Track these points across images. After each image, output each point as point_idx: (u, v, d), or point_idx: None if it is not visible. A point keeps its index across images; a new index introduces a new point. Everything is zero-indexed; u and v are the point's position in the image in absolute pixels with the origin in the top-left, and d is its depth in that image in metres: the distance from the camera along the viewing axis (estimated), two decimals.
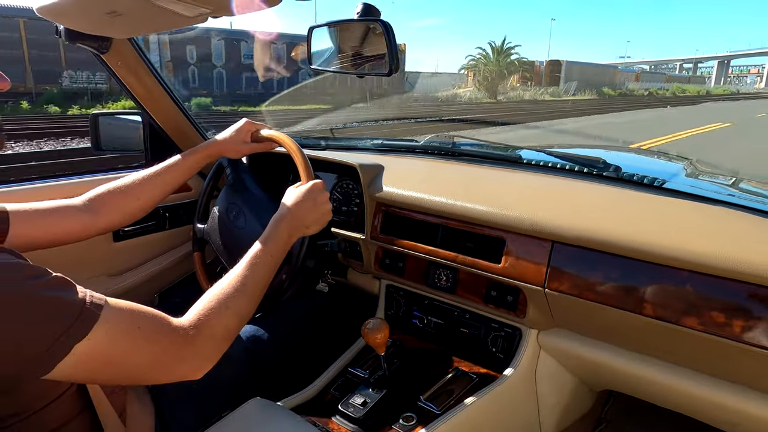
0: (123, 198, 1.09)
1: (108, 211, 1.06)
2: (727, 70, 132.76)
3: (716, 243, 0.85)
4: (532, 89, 36.27)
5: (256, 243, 0.93)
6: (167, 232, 1.64)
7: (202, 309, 0.79)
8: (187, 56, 19.45)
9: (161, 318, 0.72)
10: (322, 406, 1.07)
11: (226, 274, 0.87)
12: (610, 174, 1.19)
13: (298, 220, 1.00)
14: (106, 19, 0.97)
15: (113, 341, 0.65)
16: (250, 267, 0.89)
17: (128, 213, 1.10)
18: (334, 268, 1.47)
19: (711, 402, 0.95)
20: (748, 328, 0.81)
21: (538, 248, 1.04)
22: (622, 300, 0.93)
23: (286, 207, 1.02)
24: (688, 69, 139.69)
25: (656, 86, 55.58)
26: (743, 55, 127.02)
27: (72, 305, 0.63)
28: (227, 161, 1.37)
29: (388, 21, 0.96)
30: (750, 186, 1.30)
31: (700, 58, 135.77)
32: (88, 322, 0.63)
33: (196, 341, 0.75)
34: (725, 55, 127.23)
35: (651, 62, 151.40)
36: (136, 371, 0.70)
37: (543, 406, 1.17)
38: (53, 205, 0.99)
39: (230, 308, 0.81)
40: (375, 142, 1.70)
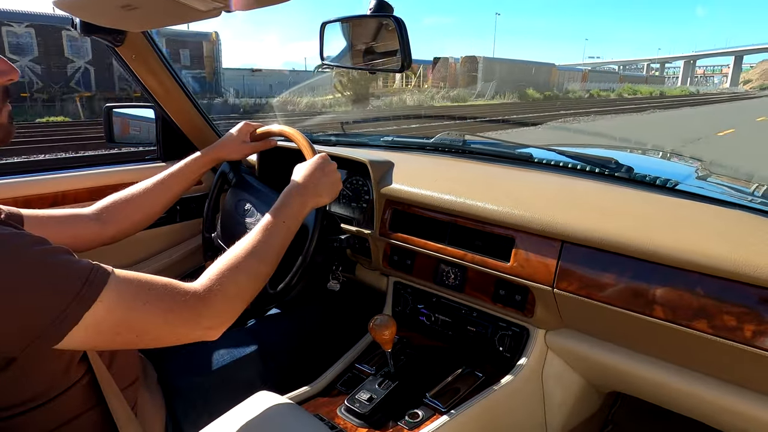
0: (129, 207, 1.12)
1: (115, 221, 1.09)
2: (694, 70, 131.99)
3: (728, 246, 0.84)
4: (427, 92, 29.24)
5: (267, 213, 0.94)
6: (179, 225, 1.66)
7: (212, 271, 0.80)
8: None
9: (171, 281, 0.74)
10: (328, 401, 1.07)
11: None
12: (622, 174, 1.18)
13: (309, 189, 1.02)
14: (120, 12, 0.98)
15: (124, 303, 0.66)
16: (261, 232, 0.90)
17: (135, 222, 1.13)
18: (343, 265, 1.48)
19: (720, 407, 0.94)
20: (760, 333, 0.80)
21: (547, 248, 1.03)
22: (631, 301, 0.93)
23: (296, 180, 1.03)
24: (656, 69, 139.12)
25: (605, 87, 51.12)
26: (708, 55, 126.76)
27: (80, 270, 0.64)
28: (229, 167, 1.39)
29: (401, 17, 0.95)
30: (764, 189, 1.29)
31: (667, 58, 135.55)
32: (97, 286, 0.63)
33: (208, 299, 0.75)
34: (691, 54, 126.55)
35: (620, 62, 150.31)
36: (150, 333, 0.70)
37: (549, 406, 1.17)
38: (65, 213, 1.02)
39: (240, 268, 0.82)
40: (386, 138, 1.70)
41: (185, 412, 1.00)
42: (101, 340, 0.66)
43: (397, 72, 1.03)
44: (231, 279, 0.79)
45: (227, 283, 0.78)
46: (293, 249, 1.20)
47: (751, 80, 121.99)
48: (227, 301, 0.78)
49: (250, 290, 0.84)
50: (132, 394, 0.90)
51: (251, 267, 0.84)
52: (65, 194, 1.41)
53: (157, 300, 0.70)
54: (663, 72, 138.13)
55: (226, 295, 0.77)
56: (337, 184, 1.07)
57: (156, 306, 0.69)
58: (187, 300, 0.73)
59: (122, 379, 0.87)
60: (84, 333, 0.62)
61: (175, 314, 0.71)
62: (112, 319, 0.65)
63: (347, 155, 1.37)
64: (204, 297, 0.75)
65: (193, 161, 1.24)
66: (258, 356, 1.17)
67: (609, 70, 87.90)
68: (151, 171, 1.59)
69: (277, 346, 1.22)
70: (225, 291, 0.78)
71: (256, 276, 0.85)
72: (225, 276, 0.79)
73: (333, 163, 1.08)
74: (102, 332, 0.65)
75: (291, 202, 0.98)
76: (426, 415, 0.99)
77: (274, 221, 0.92)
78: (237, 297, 0.80)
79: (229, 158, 1.32)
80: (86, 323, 0.62)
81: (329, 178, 1.06)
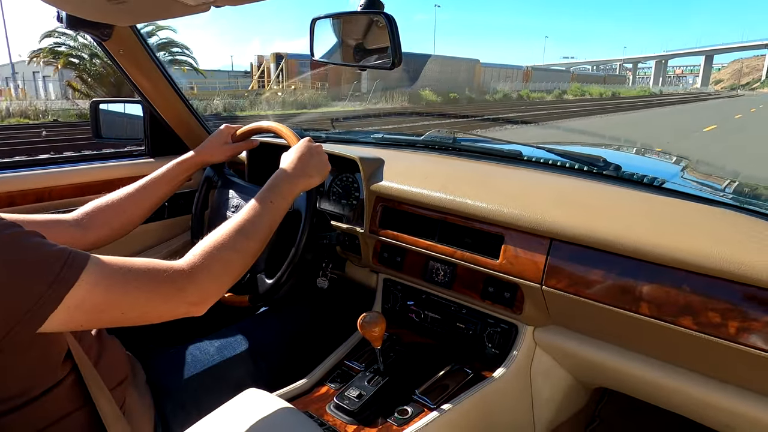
0: (110, 213, 1.10)
1: (96, 227, 1.07)
2: (666, 70, 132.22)
3: (713, 243, 0.85)
4: (267, 92, 22.94)
5: (255, 196, 0.94)
6: (167, 221, 1.64)
7: (197, 249, 0.80)
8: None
9: (153, 260, 0.73)
10: (317, 398, 1.07)
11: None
12: (610, 173, 1.19)
13: (297, 170, 1.02)
14: (108, 6, 0.97)
15: (106, 281, 0.66)
16: (248, 211, 0.90)
17: (117, 227, 1.11)
18: (333, 262, 1.48)
19: (705, 402, 0.96)
20: (744, 330, 0.82)
21: (536, 245, 1.04)
22: (618, 298, 0.94)
23: (284, 164, 1.04)
24: (629, 69, 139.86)
25: (550, 87, 44.93)
26: (678, 54, 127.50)
27: (58, 252, 0.63)
28: (213, 171, 1.39)
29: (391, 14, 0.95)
30: (749, 188, 1.30)
31: (639, 58, 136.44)
32: (77, 267, 0.63)
33: (192, 275, 0.75)
34: (662, 54, 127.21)
35: (594, 62, 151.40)
36: (135, 309, 0.70)
37: (537, 402, 1.18)
38: (46, 218, 1.01)
39: (226, 245, 0.82)
40: (376, 135, 1.70)
41: (174, 412, 0.99)
42: (86, 320, 0.66)
43: (388, 69, 1.02)
44: (216, 255, 0.79)
45: (212, 259, 0.78)
46: (284, 244, 1.20)
47: (722, 80, 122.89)
48: (212, 276, 0.77)
49: (237, 266, 0.83)
50: (120, 394, 0.89)
51: (237, 243, 0.83)
52: (51, 190, 1.39)
53: (139, 276, 0.69)
54: (636, 72, 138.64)
55: (210, 271, 0.77)
56: (326, 164, 1.08)
57: (139, 282, 0.69)
58: (171, 275, 0.73)
59: (110, 379, 0.86)
60: (67, 314, 0.62)
61: (158, 290, 0.71)
62: (96, 298, 0.65)
63: (337, 152, 1.36)
64: (188, 273, 0.75)
65: (175, 166, 1.23)
66: (248, 355, 1.16)
67: (558, 69, 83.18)
68: (140, 167, 1.58)
69: (266, 345, 1.21)
70: (209, 266, 0.77)
71: (242, 252, 0.84)
72: (210, 252, 0.79)
73: (319, 144, 1.10)
74: (86, 311, 0.64)
75: (279, 183, 0.98)
76: (415, 411, 0.99)
77: (261, 201, 0.93)
78: (223, 272, 0.79)
79: (213, 161, 1.32)
80: (68, 304, 0.62)
81: (317, 158, 1.07)
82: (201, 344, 1.15)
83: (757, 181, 1.37)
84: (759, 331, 0.80)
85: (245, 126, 1.35)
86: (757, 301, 0.81)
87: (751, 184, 1.34)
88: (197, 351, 1.13)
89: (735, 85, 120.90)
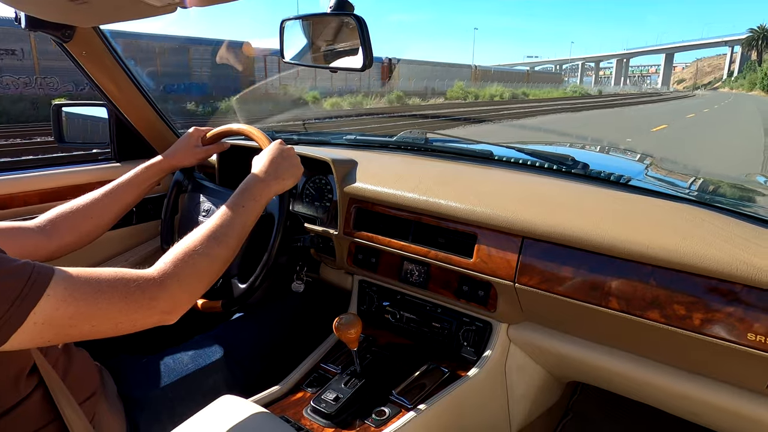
0: (75, 219, 1.07)
1: (61, 234, 1.03)
2: (627, 69, 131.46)
3: (678, 239, 0.88)
4: None
5: (227, 200, 0.93)
6: (136, 227, 1.61)
7: (168, 256, 0.78)
8: None
9: (122, 269, 0.71)
10: (294, 402, 1.06)
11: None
12: (578, 171, 1.21)
13: (270, 173, 1.01)
14: (69, 6, 0.94)
15: (74, 294, 0.64)
16: (220, 216, 0.88)
17: (83, 234, 1.08)
18: (307, 265, 1.47)
19: (674, 392, 0.99)
20: (707, 321, 0.85)
21: (508, 243, 1.05)
22: (589, 294, 0.96)
23: (256, 168, 1.03)
24: (590, 68, 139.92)
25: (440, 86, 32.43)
26: (639, 52, 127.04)
27: (21, 267, 0.61)
28: (182, 175, 1.37)
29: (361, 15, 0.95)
30: (711, 184, 1.35)
31: (600, 57, 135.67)
32: (41, 282, 0.61)
33: (164, 283, 0.73)
34: (622, 53, 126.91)
35: (556, 61, 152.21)
36: (106, 321, 0.68)
37: (512, 398, 1.20)
38: (8, 226, 0.97)
39: (197, 251, 0.80)
40: (348, 137, 1.69)
41: (148, 423, 0.97)
42: (54, 335, 0.64)
43: (359, 70, 1.02)
44: (188, 261, 0.78)
45: (183, 266, 0.77)
46: (257, 248, 1.18)
47: (684, 79, 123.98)
48: (183, 284, 0.76)
49: (209, 273, 0.82)
50: (90, 408, 0.86)
51: (209, 249, 0.82)
52: (13, 198, 1.34)
53: (109, 287, 0.67)
54: (598, 71, 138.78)
55: (182, 278, 0.76)
56: (298, 167, 1.07)
57: (109, 293, 0.67)
58: (141, 284, 0.71)
59: (80, 392, 0.84)
60: (33, 330, 0.60)
61: (129, 300, 0.69)
62: (63, 312, 0.63)
63: (310, 154, 1.36)
64: (159, 281, 0.73)
65: (144, 170, 1.20)
66: (223, 362, 1.14)
67: (504, 68, 69.73)
68: (106, 172, 1.54)
69: (241, 351, 1.20)
70: (181, 273, 0.76)
71: (214, 258, 0.83)
72: (181, 259, 0.77)
73: (290, 147, 1.09)
74: (54, 326, 0.62)
75: (251, 187, 0.97)
76: (392, 412, 0.99)
77: (233, 206, 0.91)
78: (195, 279, 0.78)
79: (182, 165, 1.30)
80: (34, 320, 0.60)
81: (289, 161, 1.06)
82: (174, 353, 1.12)
83: (717, 177, 1.42)
84: (721, 322, 0.84)
85: (215, 128, 1.33)
86: (719, 293, 0.84)
87: (713, 181, 1.39)
88: (170, 360, 1.10)
89: (697, 85, 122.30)
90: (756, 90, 74.77)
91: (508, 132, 13.29)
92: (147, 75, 17.27)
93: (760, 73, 74.19)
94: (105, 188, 1.14)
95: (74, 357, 0.89)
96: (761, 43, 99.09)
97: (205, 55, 21.30)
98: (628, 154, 1.91)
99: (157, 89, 18.41)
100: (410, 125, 9.59)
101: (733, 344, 0.83)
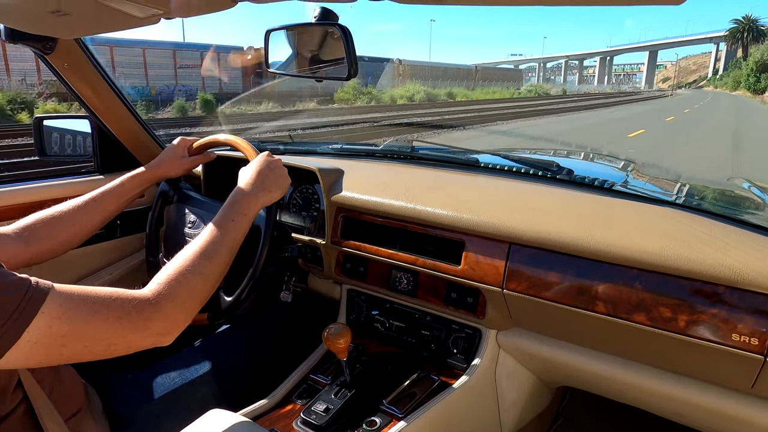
0: (56, 225, 1.04)
1: (39, 240, 1.01)
2: (611, 68, 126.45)
3: (662, 242, 0.89)
4: None
5: (216, 215, 0.92)
6: (120, 240, 1.58)
7: (161, 276, 0.77)
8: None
9: (118, 290, 0.70)
10: (283, 415, 1.05)
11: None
12: (563, 177, 1.23)
13: (257, 186, 1.00)
14: (50, 18, 0.93)
15: (70, 313, 0.62)
16: (210, 233, 0.87)
17: (63, 240, 1.05)
18: (295, 275, 1.46)
19: (660, 394, 1.00)
20: (692, 323, 0.86)
21: (496, 250, 1.06)
22: (575, 298, 0.97)
23: (243, 180, 1.02)
24: (575, 66, 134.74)
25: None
26: (623, 50, 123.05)
27: (18, 284, 0.60)
28: (168, 185, 1.35)
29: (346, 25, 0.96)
30: (692, 188, 1.38)
31: (584, 54, 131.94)
32: (37, 298, 0.60)
33: (159, 304, 0.72)
34: (606, 50, 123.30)
35: (540, 59, 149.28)
36: (100, 343, 0.66)
37: (503, 404, 1.20)
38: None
39: (190, 270, 0.79)
40: (334, 146, 1.70)
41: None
42: (46, 355, 0.62)
43: (344, 79, 1.03)
44: (181, 281, 0.77)
45: (177, 286, 0.76)
46: (243, 260, 1.17)
47: (669, 78, 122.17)
48: (178, 304, 0.75)
49: (202, 292, 0.81)
50: (76, 425, 0.85)
51: (202, 268, 0.81)
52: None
53: (104, 308, 0.66)
54: (582, 70, 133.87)
55: (176, 299, 0.75)
56: (285, 178, 1.07)
57: (104, 314, 0.66)
58: (136, 306, 0.70)
59: (65, 409, 0.82)
60: (27, 349, 0.58)
61: (124, 321, 0.68)
62: (58, 331, 0.61)
63: (296, 164, 1.35)
64: (154, 302, 0.72)
65: (130, 179, 1.18)
66: (211, 376, 1.13)
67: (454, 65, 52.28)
68: (88, 185, 1.51)
69: (230, 364, 1.18)
70: (175, 294, 0.75)
71: (207, 276, 0.82)
72: (174, 279, 0.76)
73: (278, 158, 1.08)
74: (47, 346, 0.61)
75: (239, 200, 0.96)
76: (383, 422, 0.99)
77: (222, 221, 0.90)
78: (189, 299, 0.77)
79: (168, 175, 1.29)
80: (28, 338, 0.58)
81: (276, 173, 1.05)
82: (160, 367, 1.11)
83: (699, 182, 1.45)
84: (705, 323, 0.85)
85: (202, 139, 1.32)
86: (703, 294, 0.85)
87: (695, 185, 1.42)
88: (156, 375, 1.08)
89: (681, 83, 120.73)
90: (741, 89, 65.57)
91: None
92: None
93: (745, 68, 63.80)
94: (86, 196, 1.12)
95: (61, 373, 0.88)
96: (747, 35, 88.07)
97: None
98: (612, 160, 1.94)
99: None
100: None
101: (717, 345, 0.84)
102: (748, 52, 78.07)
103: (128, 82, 19.61)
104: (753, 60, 59.96)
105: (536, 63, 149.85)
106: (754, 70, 58.99)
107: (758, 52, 60.46)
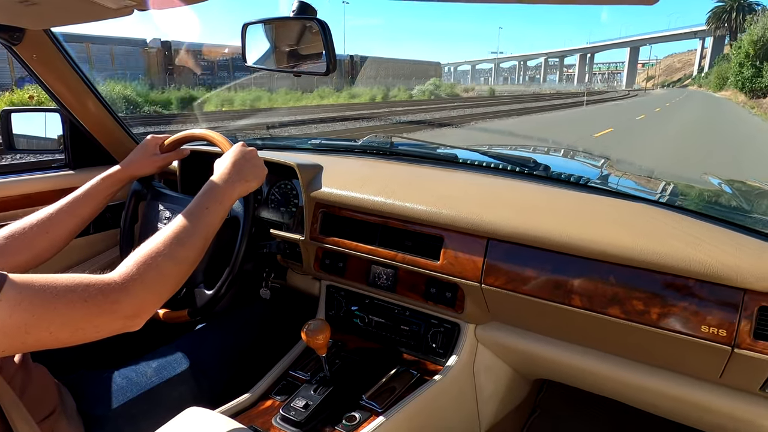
0: (30, 235, 1.01)
1: (13, 252, 0.98)
2: (591, 66, 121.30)
3: (634, 236, 0.91)
4: None
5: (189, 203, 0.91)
6: (93, 236, 1.55)
7: (130, 260, 0.76)
8: None
9: (82, 275, 0.69)
10: (262, 411, 1.04)
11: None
12: (540, 173, 1.24)
13: (233, 175, 0.99)
14: (18, 7, 0.90)
15: (30, 299, 0.61)
16: (183, 218, 0.86)
17: (39, 251, 1.02)
18: (274, 271, 1.45)
19: (634, 385, 1.03)
20: (664, 315, 0.88)
21: (474, 245, 1.07)
22: (552, 293, 0.98)
23: (217, 171, 1.01)
24: (555, 64, 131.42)
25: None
26: (604, 46, 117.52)
27: None
28: (140, 185, 1.33)
29: (324, 20, 0.95)
30: (665, 184, 1.41)
31: (564, 51, 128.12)
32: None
33: (127, 286, 0.71)
34: (585, 47, 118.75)
35: (520, 57, 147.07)
36: (66, 327, 0.65)
37: (481, 397, 1.21)
38: None
39: (161, 253, 0.78)
40: (313, 141, 1.68)
41: None
42: (8, 344, 0.61)
43: (323, 74, 1.02)
44: (151, 264, 0.75)
45: (147, 269, 0.75)
46: (222, 254, 1.16)
47: (654, 76, 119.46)
48: (148, 286, 0.74)
49: (174, 276, 0.80)
50: (49, 427, 0.83)
51: (173, 251, 0.80)
52: None
53: (68, 292, 0.65)
54: (562, 68, 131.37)
55: (145, 281, 0.73)
56: (262, 168, 1.06)
57: (68, 298, 0.64)
58: (102, 289, 0.68)
59: (38, 411, 0.80)
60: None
61: (90, 303, 0.66)
62: (18, 318, 0.60)
63: (274, 159, 1.34)
64: (121, 284, 0.71)
65: (100, 182, 1.15)
66: (189, 373, 1.11)
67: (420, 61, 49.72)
68: (59, 180, 1.48)
69: (208, 361, 1.17)
70: (144, 276, 0.74)
71: (178, 261, 0.81)
72: (144, 262, 0.75)
73: (252, 149, 1.07)
74: (8, 335, 0.59)
75: (214, 188, 0.95)
76: (363, 417, 0.99)
77: (196, 208, 0.89)
78: (158, 282, 0.76)
79: (140, 174, 1.26)
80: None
81: (252, 162, 1.04)
82: (137, 366, 1.09)
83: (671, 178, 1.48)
84: (676, 315, 0.87)
85: (173, 135, 1.29)
86: (674, 287, 0.88)
87: (669, 182, 1.45)
88: (133, 373, 1.06)
89: (666, 82, 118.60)
90: (729, 88, 45.02)
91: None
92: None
93: (736, 58, 40.18)
94: (60, 202, 1.08)
95: (32, 373, 0.85)
96: (736, 15, 68.30)
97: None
98: (587, 156, 1.97)
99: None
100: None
101: (688, 337, 0.86)
102: (737, 36, 56.59)
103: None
104: (749, 40, 37.56)
105: (516, 61, 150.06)
106: (751, 55, 36.82)
107: (758, 28, 37.05)
